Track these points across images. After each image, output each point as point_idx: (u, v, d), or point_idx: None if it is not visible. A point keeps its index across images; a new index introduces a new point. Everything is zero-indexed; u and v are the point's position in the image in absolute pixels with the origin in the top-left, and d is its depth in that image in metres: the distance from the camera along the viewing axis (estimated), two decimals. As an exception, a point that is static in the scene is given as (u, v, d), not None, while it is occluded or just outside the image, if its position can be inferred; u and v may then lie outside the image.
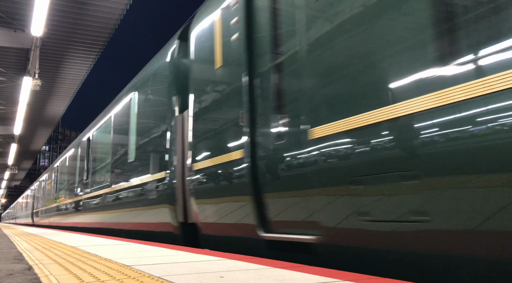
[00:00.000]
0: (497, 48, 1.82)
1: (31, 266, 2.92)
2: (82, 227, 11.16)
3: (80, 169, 11.51)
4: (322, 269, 2.41)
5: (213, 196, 4.18)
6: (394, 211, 2.24)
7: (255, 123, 3.57)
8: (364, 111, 2.44)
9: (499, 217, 1.79)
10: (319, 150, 2.77)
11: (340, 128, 2.59)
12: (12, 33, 12.14)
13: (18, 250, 4.54)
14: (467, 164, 1.89)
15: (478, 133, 1.86)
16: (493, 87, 1.80)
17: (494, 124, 1.79)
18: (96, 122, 10.19)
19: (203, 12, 4.78)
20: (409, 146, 2.17)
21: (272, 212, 3.29)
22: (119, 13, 12.09)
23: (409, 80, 2.20)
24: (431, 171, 2.05)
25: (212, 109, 4.32)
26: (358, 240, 2.50)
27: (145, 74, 6.53)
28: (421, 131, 2.11)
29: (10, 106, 18.59)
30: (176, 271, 2.43)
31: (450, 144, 1.97)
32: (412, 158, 2.15)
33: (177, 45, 5.49)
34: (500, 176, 1.77)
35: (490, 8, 1.87)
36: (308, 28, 2.98)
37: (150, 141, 5.99)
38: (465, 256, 1.95)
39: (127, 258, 3.23)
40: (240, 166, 3.66)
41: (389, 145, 2.28)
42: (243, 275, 2.24)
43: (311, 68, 2.91)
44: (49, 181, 18.47)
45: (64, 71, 16.07)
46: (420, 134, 2.11)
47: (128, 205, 6.73)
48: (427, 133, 2.08)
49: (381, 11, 2.40)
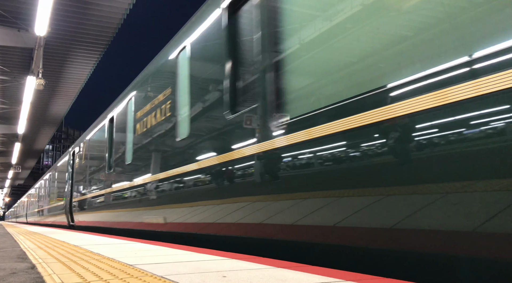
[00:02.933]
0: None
1: (35, 265, 2.93)
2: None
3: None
4: (324, 269, 2.40)
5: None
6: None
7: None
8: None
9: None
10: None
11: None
12: (16, 32, 12.17)
13: (22, 249, 4.55)
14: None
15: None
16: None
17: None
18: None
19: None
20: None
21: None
22: (123, 12, 12.10)
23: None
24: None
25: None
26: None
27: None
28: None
29: (14, 105, 18.66)
30: (179, 271, 2.43)
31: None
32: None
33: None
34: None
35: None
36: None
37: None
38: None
39: (130, 257, 3.24)
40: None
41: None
42: (245, 274, 2.24)
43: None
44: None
45: (67, 70, 16.11)
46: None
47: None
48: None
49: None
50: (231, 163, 3.95)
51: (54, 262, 3.05)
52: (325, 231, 2.73)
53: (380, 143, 2.32)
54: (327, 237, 2.73)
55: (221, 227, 4.11)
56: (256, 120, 3.56)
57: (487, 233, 1.82)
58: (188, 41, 5.29)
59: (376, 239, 2.39)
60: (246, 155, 3.65)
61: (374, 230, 2.39)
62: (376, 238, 2.39)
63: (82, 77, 17.06)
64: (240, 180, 3.77)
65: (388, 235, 2.31)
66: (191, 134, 4.91)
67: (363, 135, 2.45)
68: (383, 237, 2.35)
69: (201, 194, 4.52)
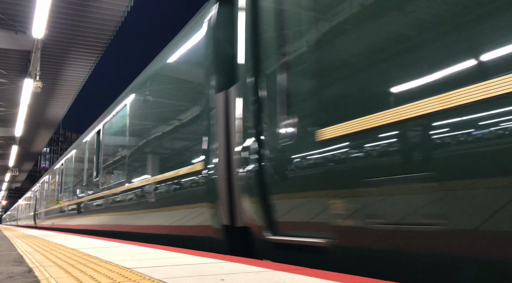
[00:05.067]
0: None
1: (32, 269, 2.91)
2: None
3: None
4: (323, 272, 2.40)
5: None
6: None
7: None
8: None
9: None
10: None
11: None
12: (13, 35, 12.17)
13: (19, 252, 4.53)
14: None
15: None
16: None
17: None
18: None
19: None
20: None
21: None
22: (120, 15, 12.12)
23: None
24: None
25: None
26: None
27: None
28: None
29: (11, 108, 18.63)
30: (177, 274, 2.42)
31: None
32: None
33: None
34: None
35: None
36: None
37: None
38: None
39: (127, 261, 3.23)
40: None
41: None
42: (243, 277, 2.23)
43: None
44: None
45: (65, 73, 16.10)
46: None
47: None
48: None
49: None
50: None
51: (51, 266, 3.03)
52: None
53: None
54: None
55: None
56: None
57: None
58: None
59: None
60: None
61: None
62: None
63: (80, 80, 17.06)
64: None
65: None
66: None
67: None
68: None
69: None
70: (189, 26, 5.26)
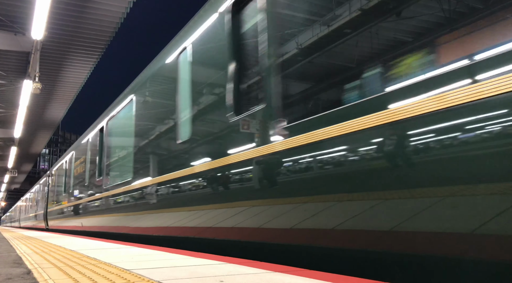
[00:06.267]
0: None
1: (30, 270, 2.91)
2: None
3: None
4: (322, 273, 2.40)
5: None
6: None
7: None
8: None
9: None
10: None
11: None
12: (13, 36, 12.15)
13: (18, 253, 4.52)
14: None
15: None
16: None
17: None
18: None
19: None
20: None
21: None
22: (120, 16, 12.11)
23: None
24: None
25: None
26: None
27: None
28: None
29: (10, 109, 18.60)
30: (176, 275, 2.42)
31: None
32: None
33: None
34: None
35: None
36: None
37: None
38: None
39: (126, 262, 3.22)
40: None
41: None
42: (242, 279, 2.23)
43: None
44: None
45: (64, 74, 16.08)
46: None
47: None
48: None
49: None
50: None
51: (50, 267, 3.03)
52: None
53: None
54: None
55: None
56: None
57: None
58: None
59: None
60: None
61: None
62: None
63: (79, 81, 17.03)
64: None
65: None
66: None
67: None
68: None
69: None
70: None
